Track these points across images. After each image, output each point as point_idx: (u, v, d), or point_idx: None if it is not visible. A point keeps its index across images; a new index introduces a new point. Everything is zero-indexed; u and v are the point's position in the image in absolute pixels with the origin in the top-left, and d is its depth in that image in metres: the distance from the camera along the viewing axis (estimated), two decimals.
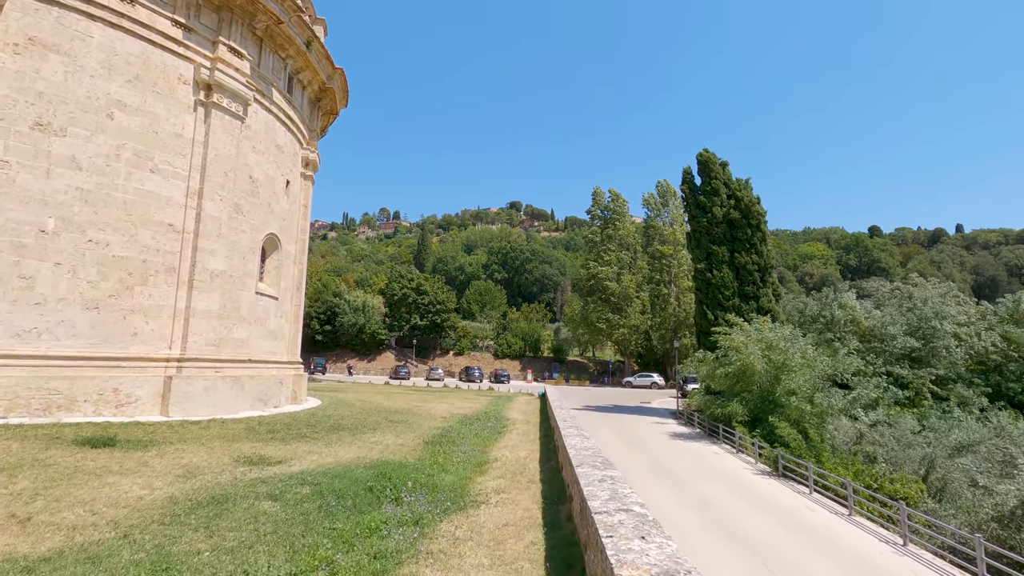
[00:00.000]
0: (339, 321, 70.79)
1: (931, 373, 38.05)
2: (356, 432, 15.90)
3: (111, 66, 14.91)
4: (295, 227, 22.56)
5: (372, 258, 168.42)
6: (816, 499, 17.51)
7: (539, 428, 19.88)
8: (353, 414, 19.92)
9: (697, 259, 37.77)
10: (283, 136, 20.84)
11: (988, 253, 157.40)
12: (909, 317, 41.99)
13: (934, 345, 39.42)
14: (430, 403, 28.01)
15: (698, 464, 21.59)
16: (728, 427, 26.62)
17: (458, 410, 25.35)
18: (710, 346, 35.87)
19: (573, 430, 10.86)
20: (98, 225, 14.42)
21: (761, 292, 35.98)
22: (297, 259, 22.75)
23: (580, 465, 6.60)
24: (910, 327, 40.49)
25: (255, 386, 18.37)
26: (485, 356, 74.03)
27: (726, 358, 28.06)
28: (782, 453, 20.13)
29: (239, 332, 18.10)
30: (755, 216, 36.64)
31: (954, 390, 40.22)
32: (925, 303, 42.72)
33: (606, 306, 63.23)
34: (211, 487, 8.82)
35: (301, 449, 12.66)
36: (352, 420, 18.16)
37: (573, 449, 8.23)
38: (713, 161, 38.27)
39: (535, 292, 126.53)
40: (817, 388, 27.46)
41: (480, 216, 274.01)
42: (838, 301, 48.92)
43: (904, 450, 23.94)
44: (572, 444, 8.87)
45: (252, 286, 18.84)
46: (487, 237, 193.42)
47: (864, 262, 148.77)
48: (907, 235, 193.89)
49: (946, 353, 39.63)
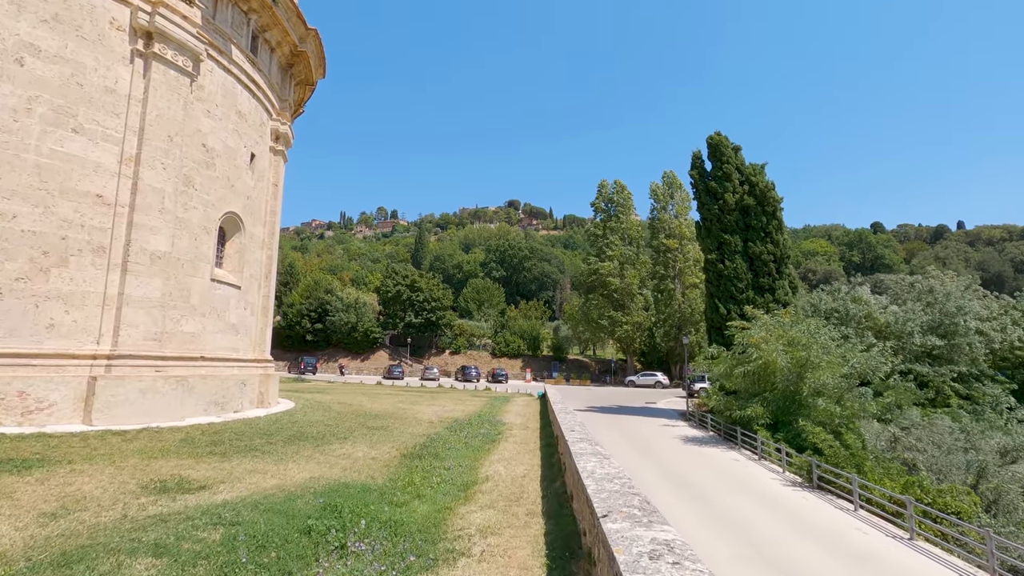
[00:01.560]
0: (330, 319, 68.12)
1: (952, 371, 35.77)
2: (321, 442, 13.30)
3: (20, 1, 12.30)
4: (263, 207, 19.96)
5: (368, 256, 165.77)
6: (863, 517, 14.96)
7: (539, 435, 17.28)
8: (326, 419, 17.33)
9: (708, 249, 35.18)
10: (246, 102, 18.24)
11: (992, 249, 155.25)
12: (930, 312, 39.62)
13: (956, 342, 37.19)
14: (419, 405, 25.43)
15: (719, 474, 19.07)
16: (747, 430, 24.11)
17: (449, 413, 22.77)
18: (723, 342, 33.31)
19: (585, 444, 8.26)
20: (1, 192, 11.81)
21: (777, 284, 33.44)
22: (266, 244, 20.15)
23: (608, 515, 4.04)
24: (932, 323, 38.18)
25: (209, 388, 15.77)
26: (482, 355, 71.43)
27: (744, 355, 25.51)
28: (817, 461, 17.61)
29: (189, 325, 15.50)
30: (771, 203, 34.08)
31: (978, 388, 37.70)
32: (948, 298, 40.22)
33: (608, 302, 60.66)
34: (80, 531, 6.24)
35: (241, 468, 10.06)
36: (322, 427, 15.57)
37: (591, 480, 5.65)
38: (725, 144, 35.71)
39: (534, 290, 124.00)
40: (846, 388, 24.97)
41: (478, 215, 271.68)
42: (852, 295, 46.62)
43: (945, 456, 21.43)
44: (588, 469, 6.30)
45: (206, 272, 16.23)
46: (485, 236, 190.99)
47: (868, 258, 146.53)
48: (909, 231, 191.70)
49: (968, 350, 37.50)
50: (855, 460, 17.09)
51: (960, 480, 19.90)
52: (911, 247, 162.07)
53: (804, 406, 24.46)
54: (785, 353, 23.91)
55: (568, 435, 9.38)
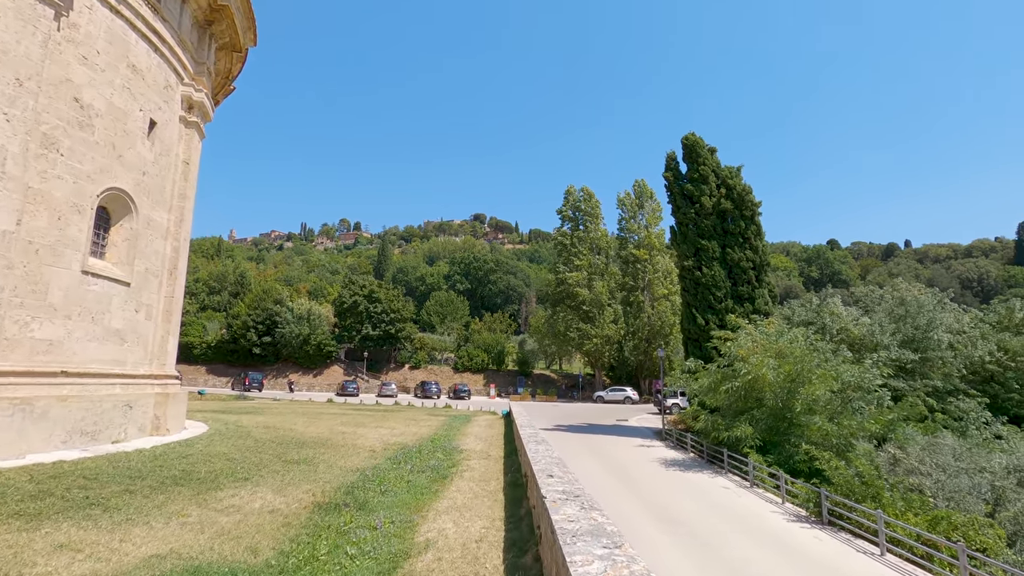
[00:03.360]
0: (280, 332, 63.25)
1: (926, 385, 34.64)
2: (208, 487, 9.83)
3: None
4: (169, 189, 16.33)
5: (328, 268, 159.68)
6: (892, 563, 12.37)
7: (503, 467, 14.14)
8: (235, 450, 13.75)
9: (684, 255, 32.98)
10: (144, 56, 14.74)
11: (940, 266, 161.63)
12: (902, 326, 38.71)
13: (929, 356, 36.30)
14: (365, 428, 21.90)
15: (710, 506, 16.33)
16: (733, 452, 21.57)
17: (397, 438, 19.35)
18: (701, 355, 30.96)
19: (574, 507, 5.19)
20: None
21: (757, 293, 31.44)
22: (172, 233, 16.48)
23: None
24: (904, 336, 37.23)
25: (72, 413, 12.02)
26: (444, 370, 67.68)
27: (732, 369, 23.07)
28: (826, 492, 15.06)
29: (43, 330, 11.77)
30: (749, 207, 32.21)
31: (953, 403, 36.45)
32: (920, 310, 39.33)
33: (576, 315, 58.13)
34: None
35: (46, 541, 6.58)
36: (223, 462, 12.02)
37: None
38: (701, 145, 33.80)
39: (499, 304, 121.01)
40: (839, 404, 22.80)
41: (443, 228, 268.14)
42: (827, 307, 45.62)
43: (952, 479, 19.35)
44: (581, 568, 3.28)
45: (75, 261, 12.55)
46: (450, 249, 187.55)
47: (826, 274, 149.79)
48: (863, 249, 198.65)
49: (942, 364, 36.71)
50: (871, 490, 14.61)
51: (974, 507, 17.79)
52: (865, 264, 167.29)
53: (796, 425, 22.13)
54: (776, 367, 21.57)
55: (544, 485, 6.35)
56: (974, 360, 37.83)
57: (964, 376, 37.30)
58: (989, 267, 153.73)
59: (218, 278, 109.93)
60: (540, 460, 8.28)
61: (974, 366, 38.19)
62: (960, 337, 39.99)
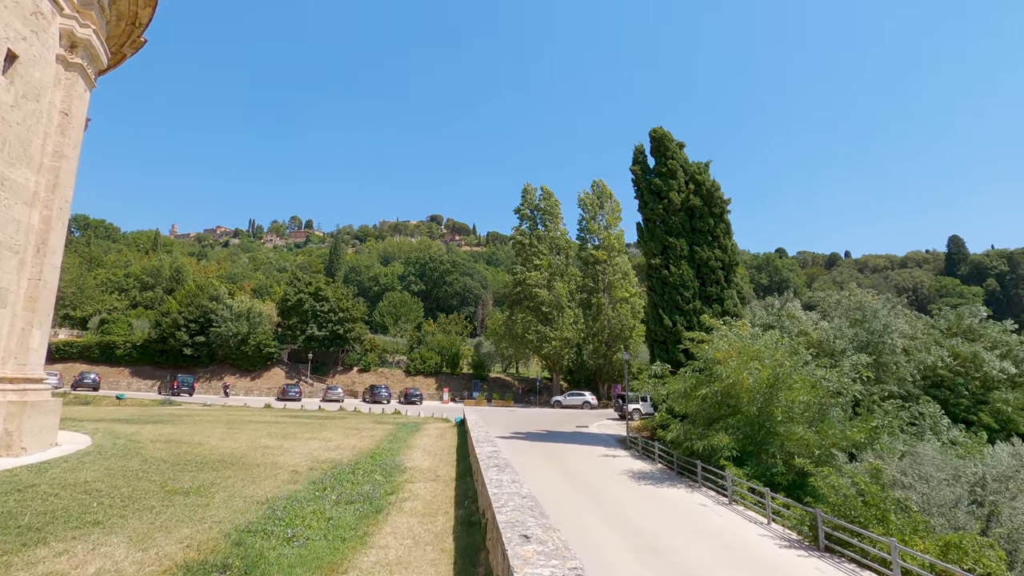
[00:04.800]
0: (215, 331, 58.18)
1: (882, 390, 34.46)
2: (26, 541, 6.84)
3: None
4: (38, 144, 12.94)
5: (275, 266, 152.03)
6: None
7: (454, 492, 11.55)
8: (107, 477, 10.62)
9: (651, 253, 31.28)
10: None
11: (879, 276, 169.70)
12: (859, 331, 38.72)
13: (883, 360, 36.31)
14: (294, 440, 18.81)
15: (691, 529, 14.32)
16: (707, 463, 19.77)
17: (331, 452, 16.42)
18: (668, 358, 29.26)
19: None
20: None
21: (726, 294, 30.02)
22: (42, 200, 13.09)
23: None
24: (859, 341, 37.18)
25: None
26: (396, 373, 64.15)
27: (707, 373, 21.30)
28: (823, 514, 13.22)
29: None
30: (718, 204, 30.84)
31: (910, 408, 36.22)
32: (875, 315, 39.45)
33: (535, 316, 56.01)
34: None
35: None
36: (74, 498, 8.94)
37: None
38: (669, 139, 32.27)
39: (455, 305, 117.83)
40: (818, 411, 21.37)
41: (399, 228, 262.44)
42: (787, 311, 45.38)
43: (936, 492, 18.13)
44: None
45: None
46: (406, 249, 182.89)
47: (775, 281, 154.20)
48: (808, 258, 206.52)
49: (896, 369, 36.83)
50: (875, 512, 12.85)
51: (966, 523, 16.52)
52: (811, 272, 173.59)
53: (773, 433, 20.53)
54: (757, 371, 19.89)
55: (515, 554, 3.89)
56: (927, 365, 38.08)
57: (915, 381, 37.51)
58: (923, 277, 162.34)
59: (152, 273, 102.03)
60: (507, 502, 5.79)
61: (926, 371, 38.44)
62: (913, 342, 40.36)
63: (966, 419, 35.93)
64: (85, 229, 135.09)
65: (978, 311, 43.16)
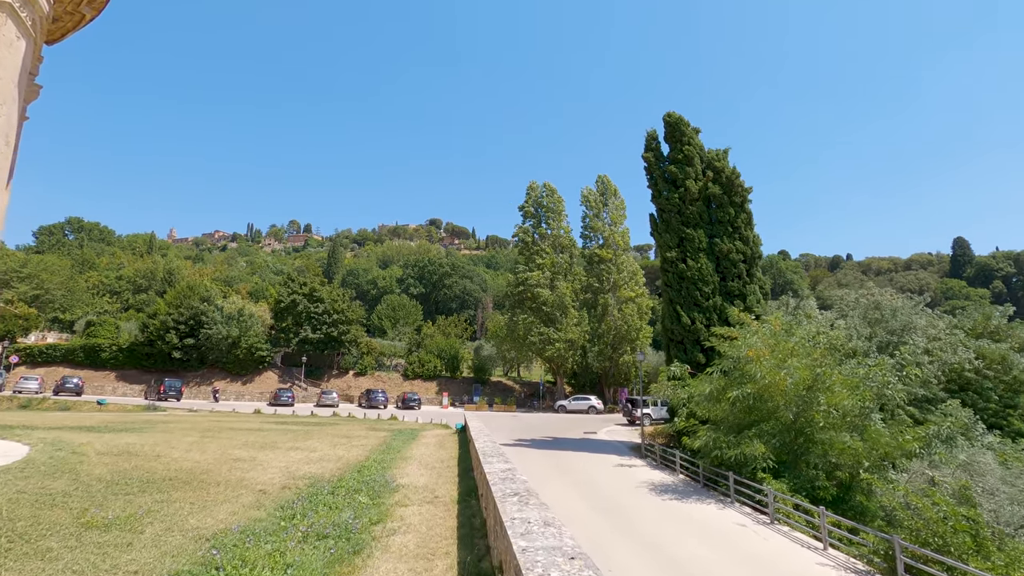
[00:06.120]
0: (205, 333, 55.76)
1: (909, 393, 32.27)
2: None
3: None
4: None
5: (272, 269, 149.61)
6: None
7: (456, 521, 9.24)
8: (11, 501, 8.33)
9: (666, 246, 28.99)
10: None
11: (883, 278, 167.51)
12: (877, 330, 36.54)
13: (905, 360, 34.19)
14: (273, 451, 16.48)
15: (736, 557, 12.00)
16: (739, 475, 17.48)
17: (312, 466, 14.12)
18: (686, 359, 27.00)
19: None
20: None
21: (748, 289, 27.76)
22: None
23: None
24: (880, 340, 35.01)
25: None
26: (393, 377, 61.74)
27: (736, 373, 19.03)
28: (902, 542, 10.92)
29: None
30: (739, 192, 28.59)
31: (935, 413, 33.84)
32: (895, 314, 37.24)
33: (537, 317, 53.68)
34: None
35: None
36: None
37: None
38: (684, 124, 30.04)
39: (454, 308, 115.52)
40: (862, 416, 19.09)
41: (398, 232, 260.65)
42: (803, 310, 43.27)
43: (1011, 507, 15.83)
44: None
45: None
46: (405, 252, 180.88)
47: (779, 283, 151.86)
48: (811, 260, 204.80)
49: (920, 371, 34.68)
50: (971, 541, 10.55)
51: None
52: (815, 274, 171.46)
53: (813, 441, 18.25)
54: (796, 370, 17.61)
55: None
56: (952, 367, 35.88)
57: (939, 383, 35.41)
58: (928, 279, 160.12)
59: (145, 275, 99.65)
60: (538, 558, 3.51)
61: (951, 373, 36.23)
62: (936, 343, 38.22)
63: (995, 424, 33.75)
64: (79, 232, 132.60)
65: (1006, 310, 41.01)
